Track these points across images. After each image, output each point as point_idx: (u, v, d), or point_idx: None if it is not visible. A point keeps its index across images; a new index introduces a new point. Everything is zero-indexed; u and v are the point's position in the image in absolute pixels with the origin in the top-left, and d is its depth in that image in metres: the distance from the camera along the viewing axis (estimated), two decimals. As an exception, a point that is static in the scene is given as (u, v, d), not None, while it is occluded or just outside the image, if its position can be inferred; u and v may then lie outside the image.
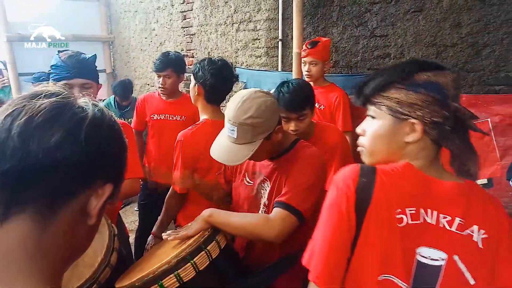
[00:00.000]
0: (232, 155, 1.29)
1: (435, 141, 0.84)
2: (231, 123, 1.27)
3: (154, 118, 2.76)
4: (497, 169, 2.30)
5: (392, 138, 0.87)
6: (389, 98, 0.86)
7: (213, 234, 1.27)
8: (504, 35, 2.31)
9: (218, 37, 3.89)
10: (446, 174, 0.86)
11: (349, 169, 0.86)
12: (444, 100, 0.82)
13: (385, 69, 0.89)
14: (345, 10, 2.93)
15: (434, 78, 0.83)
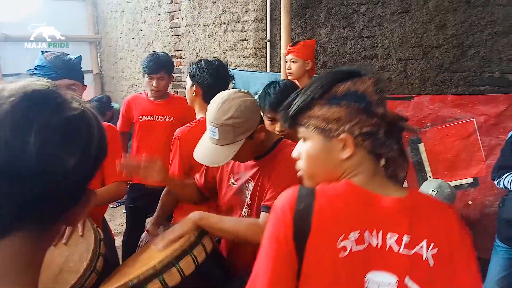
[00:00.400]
0: (214, 157, 1.29)
1: (371, 152, 0.80)
2: (212, 124, 1.28)
3: (142, 120, 2.73)
4: (482, 169, 2.34)
5: (326, 158, 0.82)
6: (314, 116, 0.81)
7: (199, 237, 1.26)
8: (488, 36, 2.34)
9: (206, 37, 3.87)
10: (389, 187, 0.81)
11: (287, 194, 0.81)
12: (369, 108, 0.78)
13: (305, 87, 0.83)
14: (332, 11, 2.95)
15: (353, 87, 0.79)
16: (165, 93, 2.75)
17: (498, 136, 2.28)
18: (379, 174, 0.82)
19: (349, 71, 0.82)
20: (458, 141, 2.41)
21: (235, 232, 1.26)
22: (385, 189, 0.80)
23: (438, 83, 2.55)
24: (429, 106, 2.49)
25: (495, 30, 2.32)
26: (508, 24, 2.27)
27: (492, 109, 2.29)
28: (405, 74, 2.67)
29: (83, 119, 0.51)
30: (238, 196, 1.47)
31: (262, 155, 1.40)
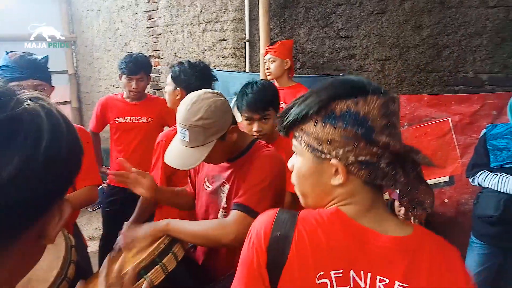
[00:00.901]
0: (184, 159, 1.27)
1: (368, 183, 0.69)
2: (182, 126, 1.25)
3: (119, 122, 2.68)
4: (457, 167, 2.38)
5: (317, 180, 0.72)
6: (307, 132, 0.71)
7: (169, 245, 1.23)
8: (462, 37, 2.39)
9: (184, 37, 3.82)
10: (387, 223, 0.70)
11: (264, 217, 0.73)
12: (369, 135, 0.66)
13: (303, 97, 0.73)
14: (311, 11, 2.95)
15: (354, 107, 0.67)
16: (143, 94, 2.71)
17: (472, 135, 2.32)
18: (377, 207, 0.71)
19: (354, 86, 0.69)
20: (434, 140, 2.45)
21: (203, 235, 1.24)
22: (382, 225, 0.69)
23: (415, 83, 2.59)
24: (406, 106, 2.53)
25: (469, 31, 2.36)
26: (481, 25, 2.32)
27: (467, 109, 2.33)
28: (383, 74, 2.70)
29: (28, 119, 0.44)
30: (214, 199, 1.45)
31: (236, 156, 1.39)
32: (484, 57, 2.34)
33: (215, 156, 1.30)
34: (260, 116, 1.74)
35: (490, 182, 1.99)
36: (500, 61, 2.30)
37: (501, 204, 1.94)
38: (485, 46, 2.33)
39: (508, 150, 1.96)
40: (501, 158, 1.99)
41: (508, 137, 1.98)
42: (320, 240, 0.67)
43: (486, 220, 2.02)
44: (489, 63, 2.33)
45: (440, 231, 2.37)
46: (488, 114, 2.27)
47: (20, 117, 0.44)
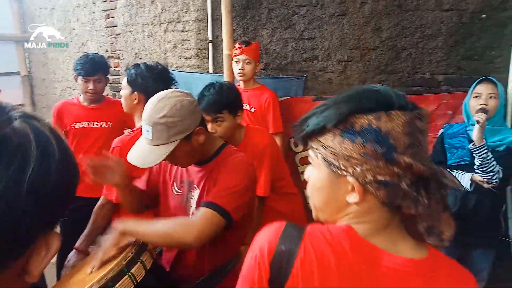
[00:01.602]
0: (145, 157, 1.23)
1: (386, 204, 0.65)
2: (146, 123, 1.23)
3: (76, 127, 2.55)
4: (417, 165, 2.46)
5: (331, 195, 0.68)
6: (324, 145, 0.66)
7: (137, 254, 1.17)
8: (419, 39, 2.47)
9: (145, 37, 3.71)
10: (402, 244, 0.66)
11: (270, 230, 0.69)
12: (390, 154, 0.61)
13: (322, 107, 0.69)
14: (273, 12, 2.95)
15: (375, 123, 0.62)
16: (101, 96, 2.59)
17: (430, 134, 2.39)
18: (393, 228, 0.67)
19: (379, 98, 0.64)
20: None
21: (164, 235, 1.18)
22: (396, 246, 0.65)
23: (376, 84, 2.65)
24: (368, 106, 2.58)
25: (425, 34, 2.45)
26: (436, 27, 2.41)
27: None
28: (345, 76, 2.75)
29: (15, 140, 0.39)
30: (183, 205, 1.40)
31: (206, 160, 1.35)
32: (439, 58, 2.44)
33: (180, 157, 1.27)
34: (213, 118, 1.74)
35: (448, 179, 2.06)
36: (454, 62, 2.40)
37: (458, 200, 2.02)
38: (440, 48, 2.42)
39: (463, 148, 2.04)
40: (457, 155, 2.08)
41: (463, 136, 2.07)
42: (327, 257, 0.63)
43: (445, 216, 2.09)
44: (444, 64, 2.43)
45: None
46: (444, 113, 2.36)
47: (6, 138, 0.38)
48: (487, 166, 1.89)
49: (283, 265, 0.64)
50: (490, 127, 1.97)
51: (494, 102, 1.99)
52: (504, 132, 2.03)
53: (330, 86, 2.81)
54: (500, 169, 1.90)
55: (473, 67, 2.35)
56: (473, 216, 2.01)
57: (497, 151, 1.97)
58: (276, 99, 2.53)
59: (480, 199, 1.98)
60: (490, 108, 1.96)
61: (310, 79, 2.87)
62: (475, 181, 1.97)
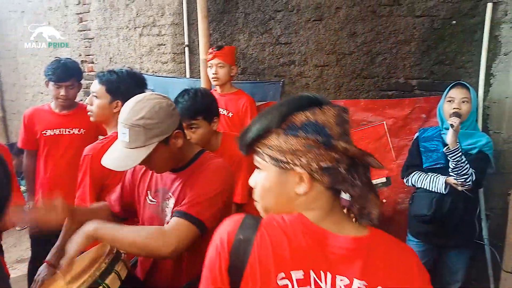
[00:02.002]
0: (121, 160, 1.19)
1: (330, 188, 0.74)
2: (122, 125, 1.19)
3: (47, 134, 2.46)
4: (393, 168, 2.50)
5: (281, 191, 0.76)
6: (270, 146, 0.74)
7: (111, 264, 1.14)
8: (392, 44, 2.51)
9: (120, 41, 3.64)
10: (346, 225, 0.75)
11: (229, 222, 0.76)
12: (328, 141, 0.71)
13: (263, 113, 0.78)
14: (250, 17, 2.94)
15: (312, 117, 0.72)
16: (73, 102, 2.52)
17: (405, 137, 2.45)
18: (336, 211, 0.76)
19: (310, 99, 0.75)
20: (371, 143, 2.55)
21: (135, 242, 1.13)
22: (341, 227, 0.74)
23: (352, 89, 2.68)
24: (344, 111, 2.60)
25: (398, 39, 2.49)
26: (409, 33, 2.46)
27: (399, 113, 2.46)
28: (322, 80, 2.76)
29: None
30: (157, 214, 1.36)
31: (182, 167, 1.32)
32: (413, 63, 2.48)
33: (157, 161, 1.24)
34: (187, 125, 1.72)
35: (423, 182, 2.10)
36: (427, 67, 2.45)
37: (433, 203, 2.06)
38: (413, 53, 2.47)
39: (438, 152, 2.08)
40: (432, 159, 2.12)
41: (438, 140, 2.11)
42: (281, 242, 0.70)
43: (420, 219, 2.13)
44: (418, 69, 2.48)
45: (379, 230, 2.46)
46: (418, 117, 2.41)
47: None
48: (461, 169, 1.93)
49: (241, 252, 0.70)
50: (463, 131, 2.01)
51: (467, 106, 2.04)
52: (476, 135, 2.08)
53: (307, 91, 2.82)
54: (473, 172, 1.95)
55: (445, 72, 2.40)
56: (448, 218, 2.05)
57: (470, 154, 2.02)
58: (254, 103, 2.52)
59: (454, 202, 2.03)
60: (463, 112, 2.01)
61: (288, 84, 2.88)
62: (450, 184, 2.01)
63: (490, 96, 2.29)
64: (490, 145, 2.05)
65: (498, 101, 2.27)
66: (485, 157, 2.03)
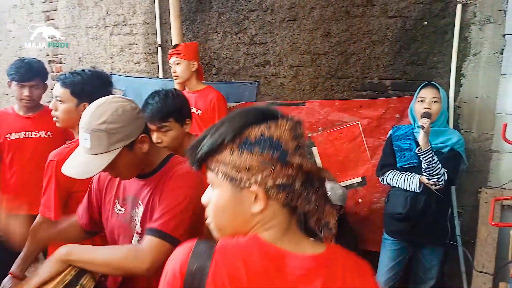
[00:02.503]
0: (82, 167, 1.14)
1: (286, 205, 0.71)
2: (83, 130, 1.14)
3: (11, 138, 2.34)
4: (368, 168, 2.51)
5: (236, 210, 0.72)
6: (223, 162, 0.70)
7: (77, 277, 1.08)
8: (366, 45, 2.53)
9: (89, 41, 3.52)
10: (303, 243, 0.73)
11: (180, 251, 0.72)
12: (284, 157, 0.68)
13: (215, 126, 0.73)
14: (224, 16, 2.90)
15: (267, 132, 0.69)
16: (38, 104, 2.41)
17: (379, 137, 2.47)
18: (293, 229, 0.74)
19: (264, 112, 0.72)
20: (347, 143, 2.56)
21: (110, 264, 1.11)
22: (298, 246, 0.72)
23: (327, 89, 2.68)
24: (320, 111, 2.60)
25: (372, 39, 2.51)
26: (382, 33, 2.48)
27: (373, 113, 2.47)
28: (297, 81, 2.75)
29: None
30: (126, 224, 1.30)
31: (150, 172, 1.26)
32: (386, 63, 2.50)
33: (122, 167, 1.19)
34: (158, 127, 1.67)
35: (397, 181, 2.12)
36: (400, 67, 2.48)
37: (407, 201, 2.08)
38: (386, 54, 2.49)
39: (411, 151, 2.11)
40: (405, 158, 2.14)
41: (411, 138, 2.14)
42: (238, 268, 0.67)
43: (395, 217, 2.15)
44: (391, 69, 2.50)
45: (356, 230, 2.47)
46: (392, 117, 2.43)
47: None
48: (433, 169, 1.95)
49: (196, 283, 0.67)
50: (434, 129, 2.04)
51: (437, 106, 2.07)
52: (447, 133, 2.12)
53: (282, 91, 2.81)
54: (445, 171, 1.98)
55: (417, 72, 2.44)
56: (422, 217, 2.08)
57: (441, 152, 2.05)
58: (222, 100, 2.47)
59: (428, 200, 2.05)
60: (433, 112, 2.04)
61: (263, 84, 2.85)
62: (423, 183, 2.03)
63: (461, 96, 2.34)
64: (461, 143, 2.09)
65: (469, 101, 2.33)
66: (457, 154, 2.07)
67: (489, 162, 2.31)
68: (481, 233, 2.26)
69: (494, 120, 2.26)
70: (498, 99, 2.25)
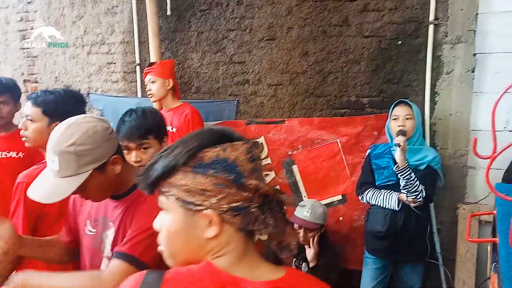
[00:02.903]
0: (50, 191, 1.09)
1: (242, 230, 0.69)
2: (51, 152, 1.08)
3: (-20, 158, 2.25)
4: (348, 185, 2.51)
5: (189, 235, 0.69)
6: (176, 186, 0.68)
7: None
8: (343, 63, 2.57)
9: (66, 60, 3.47)
10: (260, 268, 0.71)
11: (128, 282, 0.70)
12: (239, 180, 0.66)
13: (168, 149, 0.72)
14: (203, 35, 2.91)
15: (222, 154, 0.67)
16: (10, 123, 2.34)
17: (358, 154, 2.48)
18: (250, 254, 0.71)
19: (220, 134, 0.70)
20: (326, 160, 2.56)
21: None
22: (256, 272, 0.69)
23: (306, 107, 2.69)
24: (299, 129, 2.60)
25: (349, 58, 2.55)
26: (359, 53, 2.53)
27: (352, 130, 2.49)
28: (276, 99, 2.76)
29: None
30: (97, 246, 1.24)
31: (123, 194, 1.22)
32: (363, 82, 2.54)
33: (92, 190, 1.14)
34: (137, 145, 1.61)
35: (377, 199, 2.12)
36: (376, 86, 2.52)
37: (387, 219, 2.08)
38: (363, 72, 2.53)
39: (389, 169, 2.12)
40: (383, 176, 2.14)
41: (388, 156, 2.15)
42: None
43: (375, 236, 2.14)
44: (368, 87, 2.54)
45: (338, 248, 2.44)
46: (370, 134, 2.45)
47: None
48: (411, 187, 1.96)
49: None
50: (410, 147, 2.06)
51: (411, 123, 2.10)
52: (423, 151, 2.14)
53: (262, 110, 2.81)
54: (423, 188, 1.99)
55: (393, 90, 2.48)
56: (402, 234, 2.07)
57: (418, 170, 2.07)
58: (196, 114, 2.43)
59: (407, 218, 2.06)
60: (408, 129, 2.07)
61: (242, 103, 2.85)
62: (402, 201, 2.04)
63: (436, 113, 2.38)
64: (437, 160, 2.11)
65: (443, 118, 2.37)
66: (434, 172, 2.09)
67: (466, 178, 2.34)
68: (461, 249, 2.26)
69: (468, 136, 2.31)
70: (471, 116, 2.30)
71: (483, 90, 2.27)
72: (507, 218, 1.24)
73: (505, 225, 1.22)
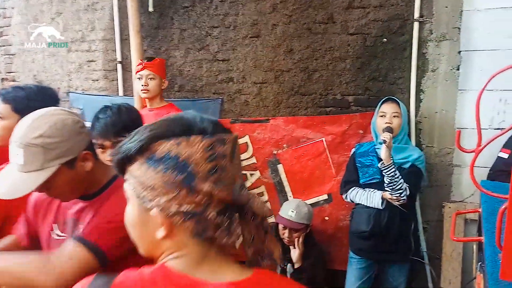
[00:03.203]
0: (12, 186, 1.01)
1: (196, 235, 0.61)
2: (16, 145, 1.01)
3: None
4: (334, 185, 2.47)
5: (142, 230, 0.64)
6: (133, 175, 0.63)
7: None
8: (328, 61, 2.53)
9: (45, 57, 3.37)
10: (223, 270, 0.64)
11: (77, 286, 0.66)
12: (189, 181, 0.58)
13: (138, 131, 0.65)
14: (186, 33, 2.85)
15: (175, 149, 0.59)
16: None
17: (344, 153, 2.44)
18: (212, 258, 0.64)
19: (183, 124, 0.62)
20: (312, 160, 2.52)
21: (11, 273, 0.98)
22: (217, 274, 0.62)
23: (291, 105, 2.65)
24: (284, 128, 2.56)
25: (334, 56, 2.52)
26: (344, 50, 2.49)
27: (337, 129, 2.45)
28: (261, 97, 2.71)
29: None
30: None
31: (94, 193, 1.15)
32: (348, 80, 2.51)
33: (60, 188, 1.07)
34: (112, 143, 1.55)
35: (361, 198, 2.09)
36: (362, 84, 2.49)
37: (371, 218, 2.04)
38: (348, 70, 2.50)
39: (373, 167, 2.08)
40: (368, 174, 2.11)
41: (373, 155, 2.12)
42: None
43: (360, 236, 2.10)
44: (353, 85, 2.51)
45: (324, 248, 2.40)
46: (356, 133, 2.42)
47: None
48: (395, 184, 1.93)
49: None
50: (395, 145, 2.03)
51: (398, 121, 2.08)
52: (408, 150, 2.11)
53: (247, 108, 2.75)
54: (407, 186, 1.96)
55: (379, 88, 2.45)
56: (386, 233, 2.04)
57: (403, 168, 2.04)
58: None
59: (391, 217, 2.03)
60: (394, 126, 2.04)
61: (227, 101, 2.79)
62: (386, 199, 2.01)
63: (421, 111, 2.36)
64: (422, 159, 2.09)
65: (429, 116, 2.35)
66: (418, 171, 2.07)
67: (451, 176, 2.32)
68: (446, 248, 2.25)
69: (453, 134, 2.29)
70: (456, 113, 2.29)
71: (468, 87, 2.25)
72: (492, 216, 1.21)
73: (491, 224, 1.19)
